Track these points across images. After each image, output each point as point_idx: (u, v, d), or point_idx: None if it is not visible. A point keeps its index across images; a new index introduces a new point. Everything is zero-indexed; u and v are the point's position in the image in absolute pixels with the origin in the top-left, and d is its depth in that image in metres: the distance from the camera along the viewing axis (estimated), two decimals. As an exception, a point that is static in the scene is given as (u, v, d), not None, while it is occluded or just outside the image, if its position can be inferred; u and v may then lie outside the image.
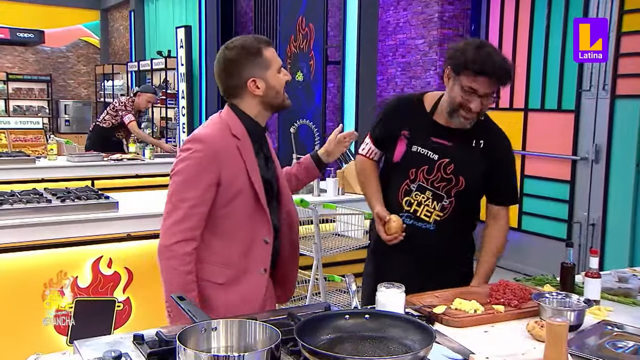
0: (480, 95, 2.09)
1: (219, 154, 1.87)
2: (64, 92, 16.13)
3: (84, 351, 1.56)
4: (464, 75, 2.08)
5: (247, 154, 1.93)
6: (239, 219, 1.91)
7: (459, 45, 2.13)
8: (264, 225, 1.95)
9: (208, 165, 1.85)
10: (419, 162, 2.22)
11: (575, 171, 5.15)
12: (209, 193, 1.86)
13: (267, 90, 1.94)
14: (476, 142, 2.23)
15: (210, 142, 1.88)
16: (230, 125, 1.93)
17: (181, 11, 11.80)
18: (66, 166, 5.66)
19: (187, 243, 1.85)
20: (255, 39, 1.95)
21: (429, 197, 2.24)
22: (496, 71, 2.05)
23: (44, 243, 3.15)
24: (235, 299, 1.90)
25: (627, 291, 2.12)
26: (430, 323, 1.77)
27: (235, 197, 1.89)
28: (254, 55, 1.92)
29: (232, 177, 1.88)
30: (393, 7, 6.63)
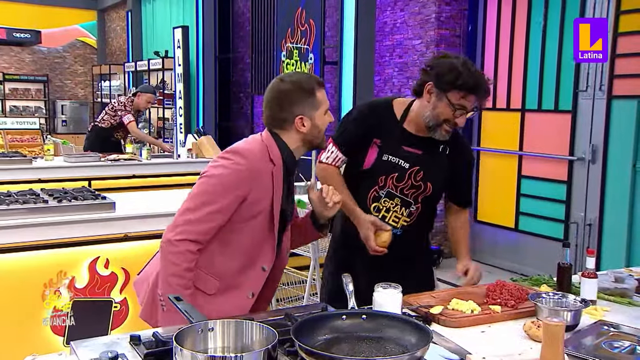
0: (468, 110, 2.18)
1: (255, 173, 1.90)
2: (61, 92, 16.10)
3: (80, 352, 1.55)
4: (453, 93, 2.14)
5: (278, 181, 1.96)
6: (248, 239, 1.94)
7: (443, 61, 2.18)
8: (268, 253, 1.98)
9: (244, 180, 1.89)
10: (389, 169, 2.26)
11: (572, 171, 5.16)
12: (233, 205, 1.89)
13: (311, 129, 1.98)
14: (443, 148, 2.31)
15: (252, 160, 1.91)
16: (269, 149, 1.96)
17: (178, 11, 11.79)
18: (63, 166, 5.65)
19: (194, 244, 1.87)
20: (311, 78, 2.01)
21: (397, 203, 2.29)
22: (485, 89, 2.16)
23: (41, 244, 3.14)
24: (217, 312, 1.89)
25: (624, 291, 2.13)
26: (427, 323, 1.77)
27: (254, 218, 1.93)
28: (308, 94, 1.96)
29: (259, 198, 1.92)
30: (390, 7, 6.63)
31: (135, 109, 6.69)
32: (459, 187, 2.44)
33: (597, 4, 4.85)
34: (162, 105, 11.26)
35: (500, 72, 5.82)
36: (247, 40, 9.78)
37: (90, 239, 3.27)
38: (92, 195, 3.58)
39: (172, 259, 1.86)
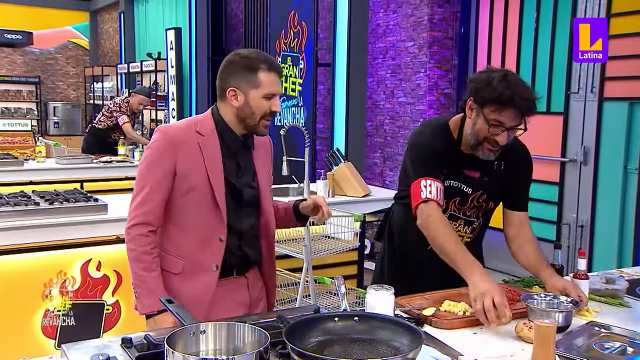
0: (507, 128, 2.02)
1: (175, 145, 1.94)
2: (53, 94, 16.02)
3: (71, 355, 1.55)
4: (488, 108, 2.01)
5: (210, 151, 1.98)
6: (195, 212, 1.98)
7: (482, 75, 2.05)
8: (219, 224, 1.99)
9: (164, 153, 1.95)
10: (452, 194, 2.19)
11: (564, 173, 5.18)
12: (165, 181, 1.95)
13: (243, 105, 1.97)
14: (497, 165, 2.20)
15: (172, 133, 1.97)
16: (199, 123, 2.01)
17: (171, 13, 11.77)
18: (55, 168, 5.63)
19: (143, 226, 1.94)
20: (262, 59, 1.97)
21: (460, 224, 2.27)
22: (523, 103, 1.98)
23: (33, 246, 3.13)
24: (187, 290, 1.98)
25: (614, 292, 2.14)
26: (420, 325, 1.78)
27: (192, 190, 1.96)
28: (248, 70, 1.95)
29: (189, 170, 1.95)
30: (383, 9, 6.65)
31: (131, 110, 6.69)
32: (518, 193, 2.31)
33: (589, 6, 4.88)
34: (155, 107, 11.23)
35: (493, 74, 5.84)
36: (240, 42, 9.77)
37: (82, 241, 3.26)
38: (84, 197, 3.57)
39: (129, 246, 1.96)
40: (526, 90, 2.01)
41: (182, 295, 1.95)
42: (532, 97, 2.01)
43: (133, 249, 1.95)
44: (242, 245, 2.07)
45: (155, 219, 1.96)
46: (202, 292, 1.99)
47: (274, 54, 8.13)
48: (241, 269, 2.09)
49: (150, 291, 1.93)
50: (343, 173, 4.51)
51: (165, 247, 2.02)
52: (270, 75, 1.97)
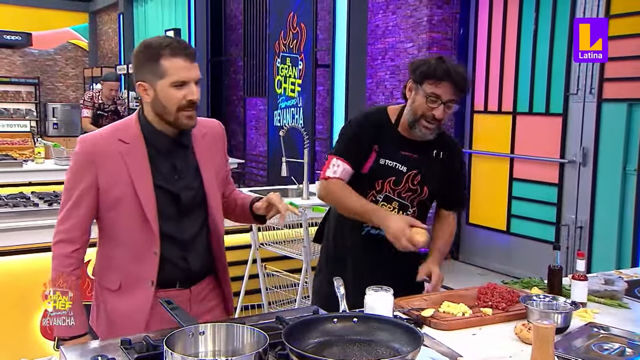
0: (444, 101, 2.14)
1: (94, 157, 1.80)
2: (52, 95, 16.02)
3: (70, 356, 1.55)
4: (426, 84, 2.14)
5: (134, 160, 1.81)
6: (124, 225, 1.84)
7: (420, 59, 2.24)
8: (151, 238, 1.83)
9: (83, 167, 1.82)
10: (387, 173, 2.25)
11: (563, 174, 5.19)
12: (87, 196, 1.81)
13: (155, 100, 1.80)
14: (436, 153, 2.31)
15: (89, 145, 1.83)
16: (122, 129, 1.85)
17: (170, 14, 11.77)
18: (54, 169, 5.61)
19: (64, 244, 1.83)
20: (163, 42, 1.78)
21: (395, 207, 2.28)
22: (457, 77, 2.13)
23: (32, 247, 3.12)
24: (123, 307, 1.85)
25: (613, 293, 2.14)
26: (419, 326, 1.77)
27: (118, 203, 1.82)
28: (151, 59, 1.77)
29: (111, 183, 1.81)
30: (382, 10, 6.65)
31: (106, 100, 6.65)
32: (453, 191, 2.41)
33: (587, 8, 4.88)
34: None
35: (492, 75, 5.85)
36: (240, 43, 9.78)
37: (81, 242, 3.25)
38: (83, 198, 3.56)
39: (52, 264, 1.84)
40: (461, 67, 2.17)
41: (118, 312, 1.84)
42: (465, 73, 2.17)
43: (54, 268, 1.83)
44: (187, 256, 1.90)
45: (79, 236, 1.83)
46: (137, 309, 1.84)
47: (273, 54, 8.14)
48: (184, 282, 1.92)
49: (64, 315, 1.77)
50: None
51: (102, 262, 1.91)
52: (175, 60, 1.76)
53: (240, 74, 9.72)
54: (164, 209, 1.85)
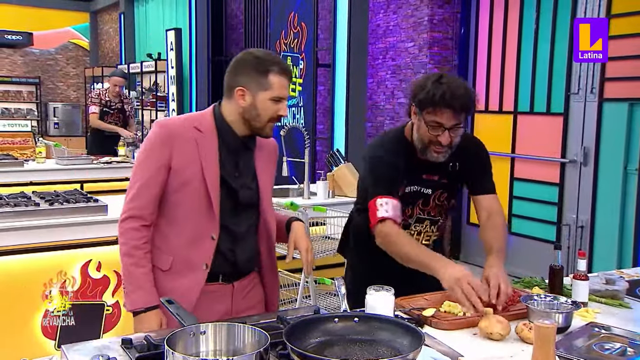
0: (447, 128, 2.05)
1: (172, 138, 1.91)
2: (53, 94, 16.03)
3: (71, 356, 1.55)
4: (425, 111, 2.06)
5: (207, 149, 1.94)
6: (187, 208, 1.93)
7: (419, 80, 2.13)
8: (212, 222, 1.94)
9: (160, 146, 1.91)
10: (414, 199, 2.23)
11: (564, 174, 5.18)
12: (159, 175, 1.91)
13: (250, 106, 1.93)
14: (452, 166, 2.24)
15: (169, 128, 1.94)
16: (198, 120, 1.97)
17: (171, 14, 11.77)
18: (55, 169, 5.62)
19: (134, 220, 1.91)
20: (274, 60, 1.94)
21: (427, 224, 2.29)
22: (457, 101, 2.01)
23: (33, 247, 3.13)
24: (174, 288, 1.92)
25: (614, 293, 2.14)
26: (420, 326, 1.77)
27: (185, 185, 1.92)
28: (259, 71, 1.91)
29: (184, 165, 1.91)
30: (383, 10, 6.65)
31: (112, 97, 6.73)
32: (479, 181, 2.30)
33: (588, 7, 4.88)
34: (155, 108, 11.25)
35: (493, 75, 5.85)
36: (241, 43, 9.78)
37: (82, 241, 3.26)
38: (84, 198, 3.57)
39: (120, 240, 1.93)
40: (459, 88, 2.03)
41: (168, 292, 1.89)
42: (465, 94, 2.03)
43: (124, 242, 1.92)
44: (235, 249, 2.00)
45: (148, 214, 1.93)
46: (189, 290, 1.93)
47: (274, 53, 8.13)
48: (228, 276, 2.01)
49: (138, 287, 1.89)
50: (343, 174, 4.51)
51: (156, 243, 1.97)
52: (281, 78, 1.93)
53: (241, 74, 9.72)
54: (223, 200, 1.95)
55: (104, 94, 6.76)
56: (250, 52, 1.98)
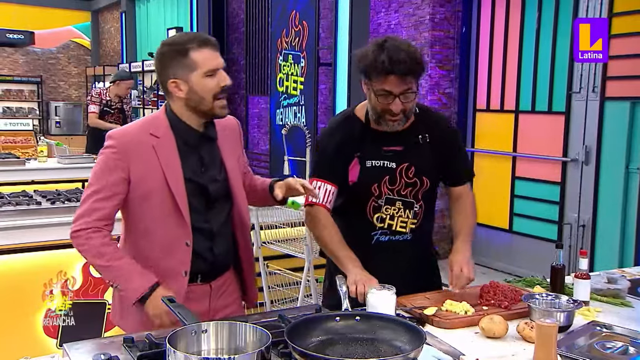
0: (397, 94, 1.98)
1: (127, 151, 1.85)
2: (55, 93, 16.04)
3: (73, 354, 1.55)
4: (373, 80, 1.99)
5: (166, 153, 1.87)
6: (155, 218, 1.87)
7: (362, 49, 2.04)
8: (183, 228, 1.88)
9: (116, 161, 1.84)
10: (378, 175, 2.11)
11: (566, 173, 5.18)
12: (117, 188, 1.84)
13: (189, 93, 1.86)
14: (422, 138, 2.15)
15: (122, 139, 1.87)
16: (152, 124, 1.91)
17: (172, 12, 11.77)
18: (56, 168, 5.63)
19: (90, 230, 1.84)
20: (188, 37, 1.87)
21: (399, 207, 2.14)
22: (401, 66, 1.93)
23: (34, 245, 3.13)
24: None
25: (616, 292, 2.14)
26: (421, 324, 1.77)
27: (149, 196, 1.86)
28: (179, 55, 1.84)
29: (143, 175, 1.85)
30: (384, 9, 6.64)
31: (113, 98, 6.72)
32: (454, 169, 2.25)
33: (590, 6, 4.87)
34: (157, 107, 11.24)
35: (494, 73, 5.84)
36: (242, 42, 9.78)
37: (83, 240, 3.25)
38: (85, 196, 3.57)
39: (82, 248, 1.87)
40: (401, 52, 1.94)
41: None
42: (409, 57, 1.94)
43: (87, 248, 1.85)
44: (214, 247, 1.96)
45: (106, 225, 1.86)
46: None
47: (275, 52, 8.13)
48: (206, 275, 1.97)
49: (129, 274, 1.82)
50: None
51: (133, 256, 1.90)
52: (203, 51, 1.84)
53: (243, 73, 9.72)
54: (192, 201, 1.90)
55: (105, 94, 6.76)
56: (164, 43, 1.91)
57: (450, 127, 2.32)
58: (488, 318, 1.76)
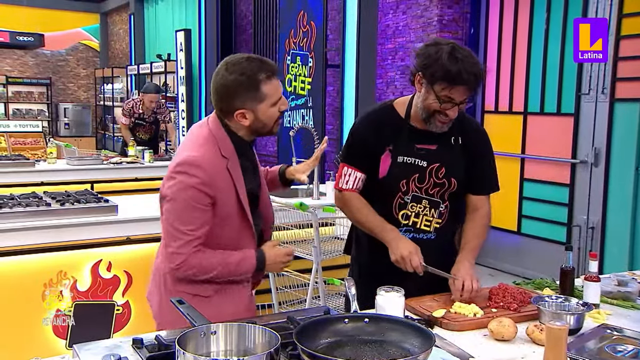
0: (457, 103, 2.04)
1: (214, 179, 1.86)
2: (64, 95, 16.14)
3: (83, 355, 1.56)
4: (438, 85, 2.02)
5: (236, 173, 1.92)
6: (227, 234, 1.92)
7: (430, 49, 2.04)
8: (249, 239, 1.97)
9: (206, 190, 1.84)
10: (408, 172, 2.13)
11: (575, 174, 5.15)
12: (208, 214, 1.87)
13: (254, 122, 1.91)
14: (455, 140, 2.18)
15: (207, 167, 1.86)
16: (219, 145, 1.91)
17: (181, 14, 11.81)
18: (65, 169, 5.66)
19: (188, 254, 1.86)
20: (258, 68, 1.87)
21: (425, 205, 2.16)
22: (471, 79, 2.00)
23: (44, 246, 3.15)
24: (221, 312, 1.87)
25: (626, 295, 2.12)
26: (430, 327, 1.77)
27: (228, 215, 1.91)
28: (250, 88, 1.86)
29: (225, 198, 1.89)
30: (392, 10, 6.64)
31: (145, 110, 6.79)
32: (479, 176, 2.24)
33: (600, 6, 4.85)
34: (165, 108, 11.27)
35: (503, 75, 5.82)
36: (250, 43, 9.80)
37: (92, 241, 3.27)
38: (94, 198, 3.59)
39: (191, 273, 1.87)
40: (475, 65, 2.01)
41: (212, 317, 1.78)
42: (480, 72, 2.03)
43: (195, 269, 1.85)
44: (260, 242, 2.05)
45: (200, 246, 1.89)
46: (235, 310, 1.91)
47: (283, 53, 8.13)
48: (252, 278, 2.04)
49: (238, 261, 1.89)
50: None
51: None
52: (272, 82, 1.89)
53: (251, 74, 9.74)
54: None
55: (138, 106, 6.79)
56: (230, 70, 1.87)
57: (484, 133, 2.32)
58: (497, 320, 1.75)
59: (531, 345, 1.71)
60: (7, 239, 3.09)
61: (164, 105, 7.23)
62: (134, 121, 6.80)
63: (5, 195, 3.54)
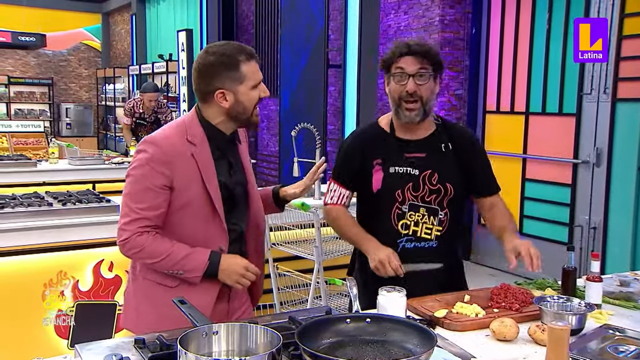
0: (411, 74, 2.09)
1: (171, 159, 1.85)
2: (66, 95, 16.16)
3: (85, 355, 1.56)
4: (392, 66, 2.14)
5: (203, 160, 1.90)
6: (193, 224, 1.90)
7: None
8: (219, 232, 1.92)
9: (159, 168, 1.84)
10: (402, 181, 2.16)
11: (577, 174, 5.15)
12: (161, 196, 1.85)
13: (234, 104, 1.90)
14: (445, 147, 2.22)
15: (165, 147, 1.86)
16: (188, 131, 1.91)
17: (182, 14, 11.82)
18: (67, 169, 5.67)
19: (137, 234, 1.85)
20: (238, 49, 1.90)
21: (424, 213, 2.17)
22: (416, 47, 2.10)
23: (45, 246, 3.15)
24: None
25: (629, 295, 2.12)
26: (432, 327, 1.77)
27: (190, 203, 1.88)
28: (230, 67, 1.88)
29: (186, 183, 1.87)
30: (394, 10, 6.64)
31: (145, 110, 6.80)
32: (481, 179, 2.28)
33: (602, 6, 4.84)
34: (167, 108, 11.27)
35: (504, 75, 5.82)
36: (251, 43, 9.80)
37: (94, 241, 3.27)
38: (96, 198, 3.59)
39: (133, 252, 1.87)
40: (420, 42, 2.16)
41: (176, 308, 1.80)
42: (425, 44, 2.15)
43: (139, 249, 1.85)
44: (242, 247, 2.02)
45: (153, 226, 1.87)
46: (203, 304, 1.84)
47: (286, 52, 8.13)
48: None
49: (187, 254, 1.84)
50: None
51: None
52: (250, 64, 1.90)
53: (252, 74, 9.75)
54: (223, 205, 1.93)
55: (138, 106, 6.80)
56: (210, 52, 1.90)
57: (474, 138, 2.37)
58: (499, 321, 1.75)
59: (533, 345, 1.70)
60: (8, 239, 3.09)
61: (165, 105, 7.22)
62: (135, 121, 6.81)
63: (7, 195, 3.55)
